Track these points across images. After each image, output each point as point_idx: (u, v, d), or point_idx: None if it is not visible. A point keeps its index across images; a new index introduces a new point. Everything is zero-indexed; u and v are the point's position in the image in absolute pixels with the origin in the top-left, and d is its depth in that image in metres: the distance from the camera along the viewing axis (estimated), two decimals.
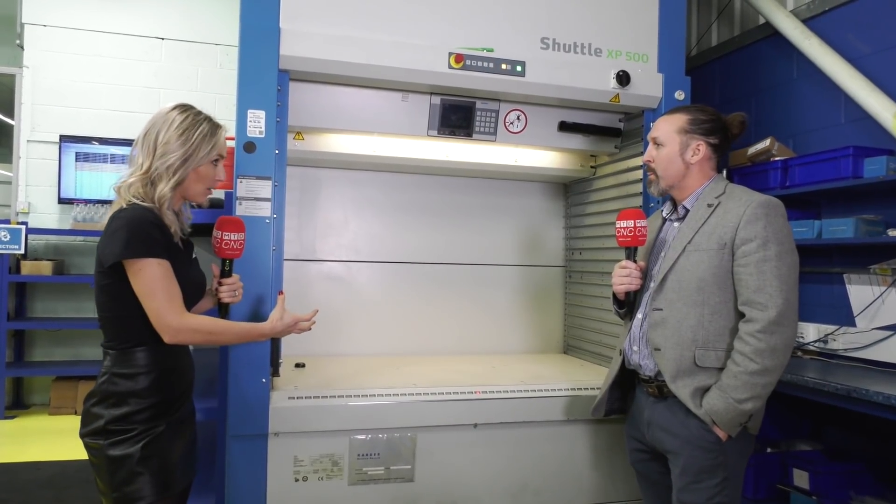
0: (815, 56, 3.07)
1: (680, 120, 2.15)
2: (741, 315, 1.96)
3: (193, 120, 1.83)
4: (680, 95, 2.85)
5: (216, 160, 1.90)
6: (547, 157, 3.36)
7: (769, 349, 1.87)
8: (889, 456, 2.76)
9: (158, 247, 1.72)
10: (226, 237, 2.00)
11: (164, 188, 1.78)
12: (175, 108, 1.85)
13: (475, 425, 2.61)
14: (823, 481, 2.70)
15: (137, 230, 1.70)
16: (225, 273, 2.06)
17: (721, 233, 2.00)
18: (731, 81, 3.86)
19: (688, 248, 2.05)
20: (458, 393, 2.61)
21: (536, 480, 2.70)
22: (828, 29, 3.13)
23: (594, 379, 2.87)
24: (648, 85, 2.84)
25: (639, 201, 2.98)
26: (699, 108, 2.21)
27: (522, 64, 2.67)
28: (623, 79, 2.76)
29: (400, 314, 3.47)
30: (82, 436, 1.77)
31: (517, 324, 3.67)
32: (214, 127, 1.88)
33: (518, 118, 3.00)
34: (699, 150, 2.12)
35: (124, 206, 1.77)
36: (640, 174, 3.00)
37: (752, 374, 1.89)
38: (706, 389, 1.98)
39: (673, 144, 2.14)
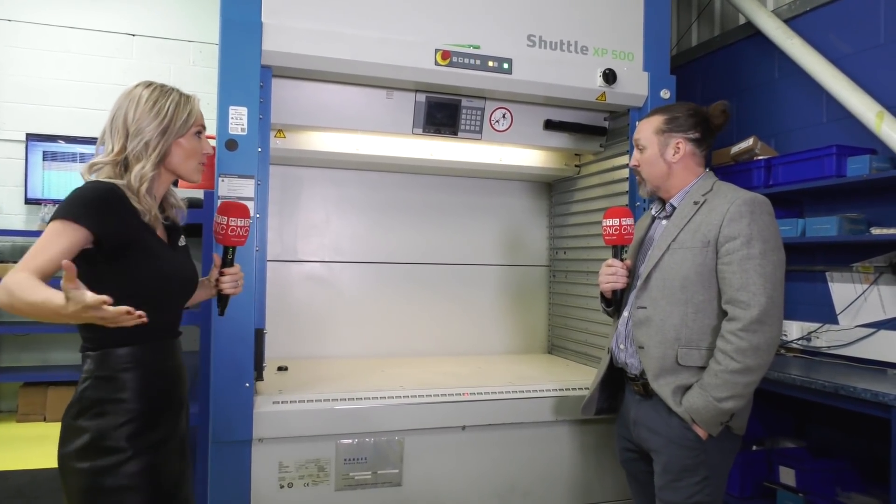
0: (798, 56, 3.09)
1: (656, 121, 2.14)
2: (725, 314, 1.95)
3: (162, 91, 1.68)
4: (665, 94, 2.85)
5: (198, 132, 1.74)
6: (532, 156, 3.34)
7: (751, 348, 1.86)
8: (873, 452, 2.78)
9: (98, 220, 1.51)
10: (231, 223, 1.83)
11: (144, 167, 1.62)
12: (138, 85, 1.68)
13: (463, 427, 2.58)
14: (810, 478, 2.71)
15: (81, 197, 1.53)
16: (227, 262, 1.89)
17: (705, 230, 1.99)
18: (713, 81, 3.88)
19: (672, 245, 2.04)
20: (445, 395, 2.58)
21: (525, 482, 2.67)
22: (809, 29, 3.15)
23: (580, 379, 2.86)
24: (634, 83, 2.83)
25: (624, 200, 2.97)
26: (675, 106, 2.19)
27: (509, 61, 2.65)
28: (609, 77, 2.74)
29: (384, 315, 3.42)
30: (63, 458, 1.56)
31: (502, 324, 3.64)
32: (186, 96, 1.72)
33: (504, 116, 2.97)
34: (679, 147, 2.11)
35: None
36: (625, 173, 2.99)
37: (732, 372, 1.87)
38: (687, 388, 1.97)
39: (653, 146, 2.13)
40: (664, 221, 2.17)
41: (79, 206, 1.51)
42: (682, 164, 2.12)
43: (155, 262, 1.62)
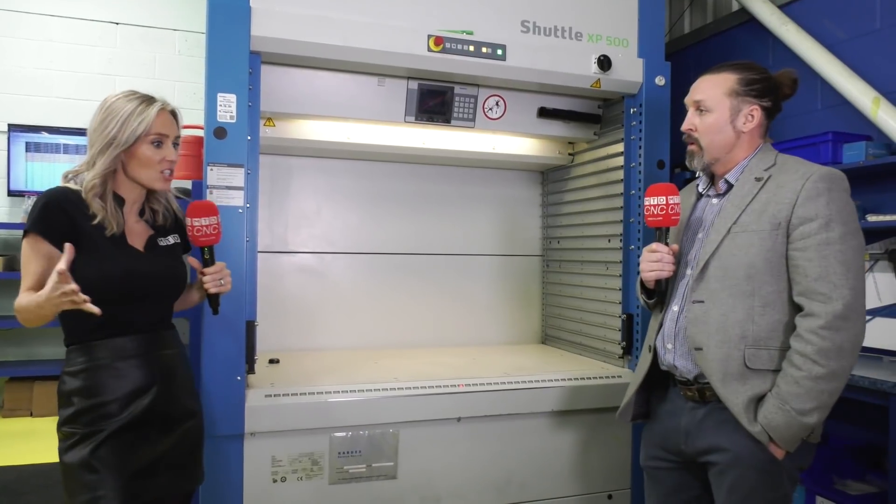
0: (793, 42, 3.07)
1: (729, 80, 1.84)
2: (798, 308, 1.70)
3: (124, 100, 1.73)
4: (660, 81, 2.82)
5: (157, 141, 1.75)
6: (525, 145, 3.30)
7: (835, 348, 1.60)
8: (869, 439, 2.78)
9: (46, 224, 1.64)
10: (196, 223, 1.84)
11: (90, 176, 1.70)
12: (112, 94, 1.77)
13: (459, 419, 2.55)
14: None
15: (36, 206, 1.66)
16: (206, 262, 1.91)
17: (774, 211, 1.72)
18: (706, 69, 3.85)
19: (733, 229, 1.77)
20: (440, 386, 2.54)
21: (521, 473, 2.65)
22: (804, 15, 3.13)
23: (576, 369, 2.84)
24: (629, 70, 2.79)
25: (619, 189, 2.95)
26: (748, 65, 1.88)
27: (503, 47, 2.60)
28: (604, 63, 2.71)
29: (376, 306, 3.38)
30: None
31: (496, 314, 3.61)
32: (145, 105, 1.74)
33: (497, 104, 2.93)
34: (753, 115, 1.83)
35: None
36: (620, 161, 2.96)
37: (816, 379, 1.61)
38: (761, 398, 1.71)
39: (722, 110, 1.83)
40: (715, 200, 1.91)
41: (37, 219, 1.64)
42: (750, 135, 1.84)
43: (101, 261, 1.68)
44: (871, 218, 2.68)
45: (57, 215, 1.65)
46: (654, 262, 1.89)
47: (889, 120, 2.62)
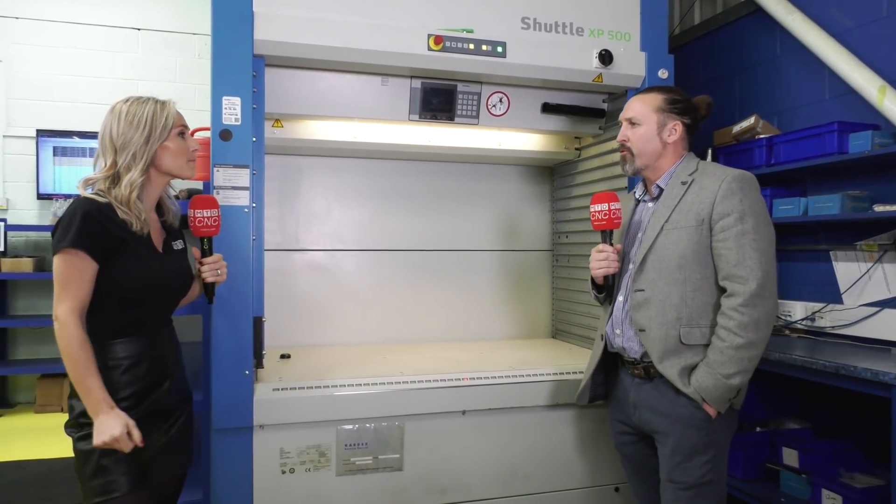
0: (799, 32, 3.04)
1: (656, 99, 2.15)
2: (723, 290, 1.98)
3: (137, 103, 1.85)
4: (663, 74, 2.82)
5: (181, 132, 1.90)
6: (531, 140, 3.32)
7: (752, 322, 1.89)
8: (876, 432, 2.75)
9: (89, 239, 1.70)
10: (198, 214, 2.00)
11: (133, 175, 1.79)
12: (118, 101, 1.87)
13: (464, 412, 2.59)
14: (813, 459, 2.69)
15: (71, 220, 1.70)
16: (205, 252, 2.04)
17: (698, 209, 2.01)
18: (715, 60, 3.83)
19: (665, 226, 2.06)
20: (446, 380, 2.59)
21: (526, 466, 2.68)
22: (811, 3, 3.09)
23: (583, 363, 2.83)
24: (631, 64, 2.80)
25: (625, 182, 2.95)
26: (671, 88, 2.22)
27: (503, 45, 2.63)
28: (605, 58, 2.72)
29: (386, 302, 3.43)
30: (64, 427, 1.80)
31: (505, 309, 3.64)
32: (161, 102, 1.88)
33: (500, 101, 2.96)
34: (676, 129, 2.13)
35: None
36: None
37: (737, 348, 1.90)
38: (693, 367, 1.99)
39: (650, 123, 2.13)
40: (650, 204, 2.18)
41: (78, 234, 1.68)
42: (674, 146, 2.14)
43: (140, 265, 1.79)
44: (878, 208, 2.65)
45: (96, 228, 1.71)
46: (602, 260, 2.16)
47: (895, 108, 2.59)
